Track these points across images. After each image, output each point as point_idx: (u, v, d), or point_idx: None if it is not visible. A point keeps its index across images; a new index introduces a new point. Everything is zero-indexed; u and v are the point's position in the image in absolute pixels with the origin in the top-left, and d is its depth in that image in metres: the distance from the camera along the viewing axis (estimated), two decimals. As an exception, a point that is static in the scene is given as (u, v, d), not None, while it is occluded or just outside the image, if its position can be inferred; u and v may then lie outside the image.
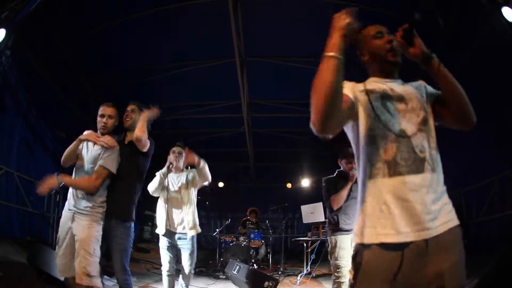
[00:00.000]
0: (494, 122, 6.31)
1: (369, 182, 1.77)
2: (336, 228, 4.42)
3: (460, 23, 6.23)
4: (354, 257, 1.74)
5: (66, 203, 3.64)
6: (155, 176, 4.86)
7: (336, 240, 4.35)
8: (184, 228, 4.71)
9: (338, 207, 4.36)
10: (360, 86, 1.89)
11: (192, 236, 4.73)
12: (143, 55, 8.24)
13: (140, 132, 3.80)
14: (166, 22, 7.19)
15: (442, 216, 1.68)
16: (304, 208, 8.82)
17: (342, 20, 1.68)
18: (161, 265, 4.84)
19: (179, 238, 4.71)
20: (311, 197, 10.41)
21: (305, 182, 12.97)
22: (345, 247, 4.24)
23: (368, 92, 1.85)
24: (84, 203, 3.52)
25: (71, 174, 3.72)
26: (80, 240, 3.38)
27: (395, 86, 1.90)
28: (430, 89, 1.95)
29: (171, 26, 7.29)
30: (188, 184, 4.92)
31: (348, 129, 1.92)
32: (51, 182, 3.41)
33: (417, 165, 1.71)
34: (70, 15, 6.65)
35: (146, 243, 12.80)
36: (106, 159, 3.64)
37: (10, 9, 4.80)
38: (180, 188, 4.89)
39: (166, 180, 4.85)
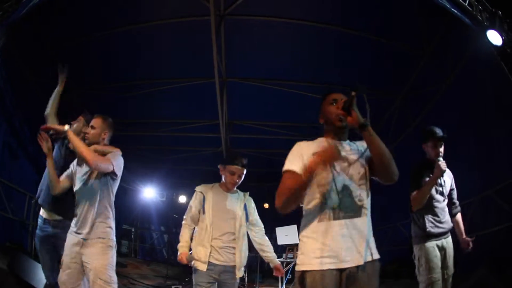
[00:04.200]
0: (475, 142, 6.61)
1: (318, 223, 2.21)
2: (423, 234, 3.83)
3: (445, 44, 6.47)
4: (302, 281, 2.16)
5: (71, 226, 3.43)
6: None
7: (424, 250, 3.79)
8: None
9: (418, 207, 3.79)
10: (312, 148, 2.29)
11: None
12: (127, 70, 8.28)
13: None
14: (149, 38, 7.24)
15: (372, 249, 2.20)
16: (279, 230, 8.96)
17: (326, 160, 2.10)
18: (137, 280, 4.52)
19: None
20: (288, 217, 10.36)
21: (283, 203, 13.01)
22: (435, 257, 3.75)
23: None
24: (95, 228, 3.36)
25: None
26: (94, 269, 3.23)
27: (342, 147, 2.33)
28: (368, 151, 2.30)
29: (154, 42, 7.35)
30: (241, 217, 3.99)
31: None
32: (59, 127, 3.31)
33: (356, 211, 2.20)
34: (61, 23, 6.66)
35: (123, 257, 12.73)
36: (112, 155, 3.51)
37: (3, 10, 4.69)
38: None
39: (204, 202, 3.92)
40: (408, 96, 8.17)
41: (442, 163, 3.78)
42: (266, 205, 13.58)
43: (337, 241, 2.12)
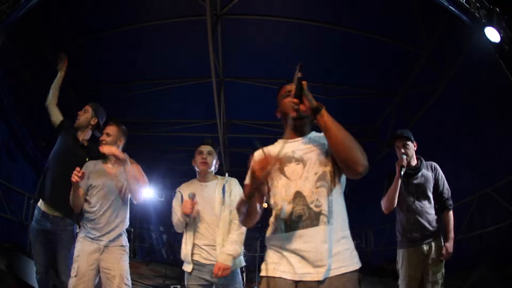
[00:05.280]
0: (474, 140, 6.60)
1: (271, 235, 2.09)
2: (399, 238, 3.85)
3: (444, 42, 6.48)
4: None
5: (84, 232, 3.48)
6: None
7: (400, 255, 3.80)
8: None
9: (389, 211, 3.74)
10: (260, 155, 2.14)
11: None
12: (126, 70, 8.29)
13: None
14: (146, 39, 7.25)
15: (337, 262, 1.88)
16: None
17: (255, 175, 1.91)
18: (136, 280, 4.44)
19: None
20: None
21: (282, 202, 12.99)
22: (409, 265, 3.69)
23: None
24: (116, 234, 3.51)
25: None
26: (120, 275, 3.38)
27: (298, 146, 2.13)
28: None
29: (151, 43, 7.36)
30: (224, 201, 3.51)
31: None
32: (114, 149, 3.49)
33: (312, 220, 1.92)
34: (58, 23, 6.68)
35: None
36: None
37: (1, 11, 4.67)
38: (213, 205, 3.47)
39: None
40: (407, 95, 8.16)
41: (400, 160, 3.69)
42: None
43: (290, 256, 1.93)
